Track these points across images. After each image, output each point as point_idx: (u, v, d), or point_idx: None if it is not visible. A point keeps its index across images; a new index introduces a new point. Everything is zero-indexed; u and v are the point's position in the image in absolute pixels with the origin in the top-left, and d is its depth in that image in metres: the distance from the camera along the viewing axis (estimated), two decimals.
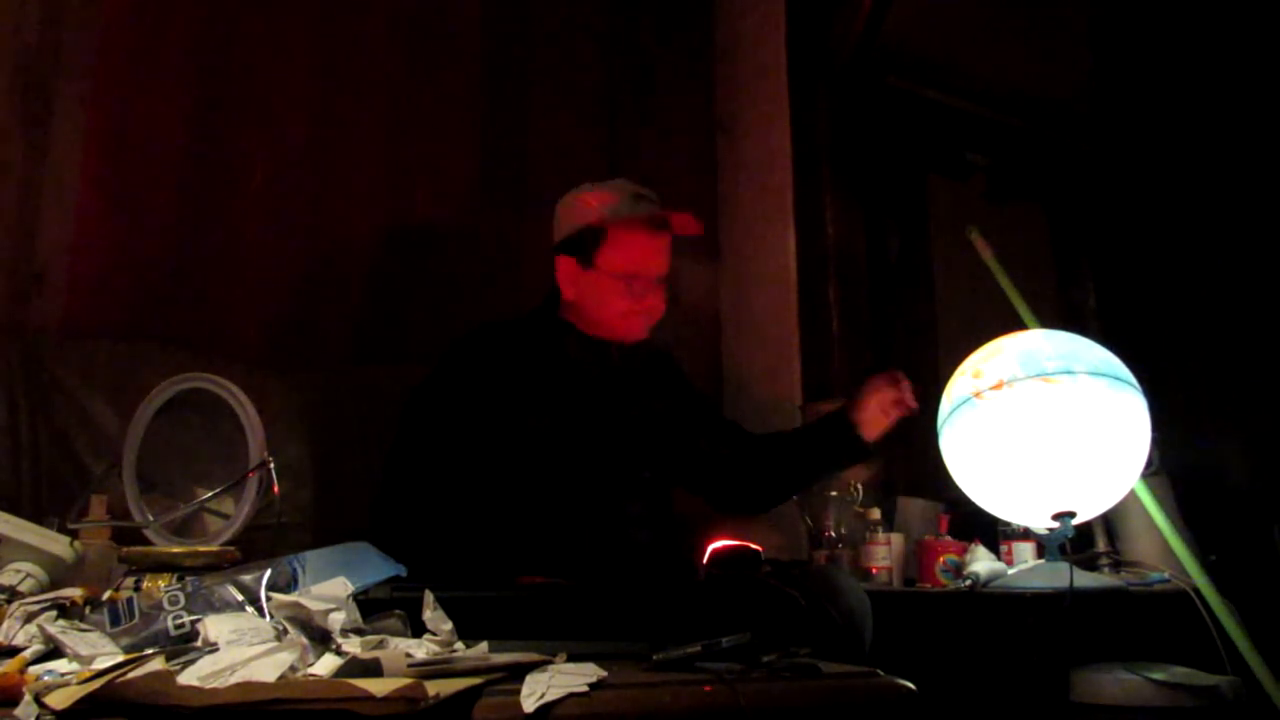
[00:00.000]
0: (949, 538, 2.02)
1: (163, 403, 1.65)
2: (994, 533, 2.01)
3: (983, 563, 1.85)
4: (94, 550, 1.51)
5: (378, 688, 0.84)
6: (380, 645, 1.04)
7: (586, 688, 0.94)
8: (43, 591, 1.33)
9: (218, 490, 1.58)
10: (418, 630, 1.15)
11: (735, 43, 2.87)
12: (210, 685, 0.86)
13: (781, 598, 1.34)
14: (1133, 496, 1.91)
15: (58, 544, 1.43)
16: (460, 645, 1.12)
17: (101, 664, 0.96)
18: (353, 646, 1.02)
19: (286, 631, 1.04)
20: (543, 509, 1.64)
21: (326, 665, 0.96)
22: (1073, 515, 1.76)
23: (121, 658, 0.98)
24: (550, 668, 1.01)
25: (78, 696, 0.83)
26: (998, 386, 1.76)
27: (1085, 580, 1.78)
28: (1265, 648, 1.74)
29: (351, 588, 1.19)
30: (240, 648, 0.96)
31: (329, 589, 1.17)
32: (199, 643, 1.03)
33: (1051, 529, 1.78)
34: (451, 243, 2.40)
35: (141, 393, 1.68)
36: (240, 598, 1.12)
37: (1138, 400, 1.77)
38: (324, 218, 2.26)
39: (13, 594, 1.30)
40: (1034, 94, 2.99)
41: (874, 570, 2.04)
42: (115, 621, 1.08)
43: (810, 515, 2.19)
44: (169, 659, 0.95)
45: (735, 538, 1.68)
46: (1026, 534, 1.97)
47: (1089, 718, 1.61)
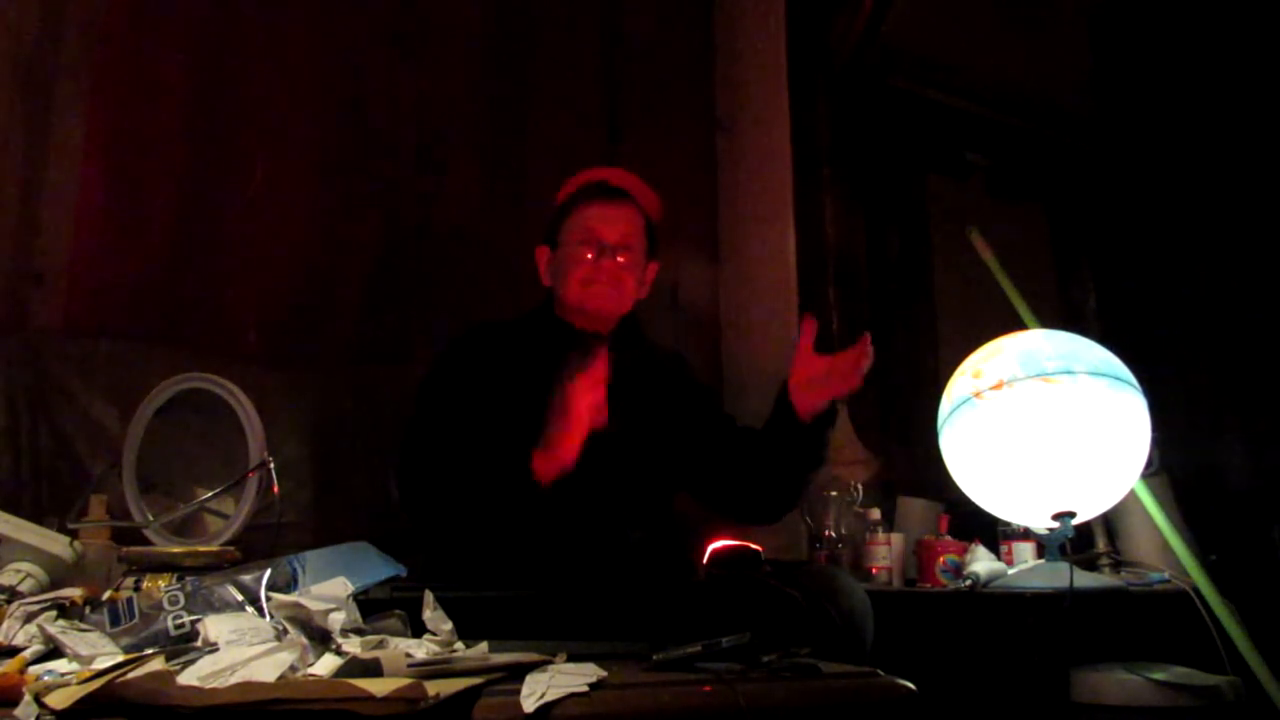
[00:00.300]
0: (949, 538, 2.02)
1: (163, 403, 1.65)
2: (994, 533, 2.01)
3: (983, 563, 1.85)
4: (94, 550, 1.51)
5: (378, 688, 0.84)
6: (380, 645, 1.04)
7: (586, 688, 0.94)
8: (43, 591, 1.33)
9: (218, 490, 1.58)
10: (418, 630, 1.15)
11: (735, 43, 2.86)
12: (210, 685, 0.86)
13: (781, 598, 1.34)
14: (1133, 496, 1.91)
15: (58, 544, 1.44)
16: (460, 645, 1.12)
17: (101, 664, 0.96)
18: (353, 646, 1.02)
19: (286, 631, 1.04)
20: (537, 507, 1.64)
21: (326, 665, 0.96)
22: (1073, 515, 1.76)
23: (121, 658, 0.98)
24: (550, 668, 1.01)
25: (78, 696, 0.83)
26: (998, 386, 1.76)
27: (1085, 580, 1.78)
28: (1265, 648, 1.74)
29: (351, 588, 1.19)
30: (240, 648, 0.96)
31: (329, 589, 1.17)
32: (199, 643, 1.03)
33: (1051, 529, 1.78)
34: (452, 243, 2.40)
35: (141, 393, 1.68)
36: (240, 598, 1.12)
37: (1138, 400, 1.77)
38: (324, 218, 2.26)
39: (13, 594, 1.31)
40: (1034, 94, 2.99)
41: (874, 570, 2.04)
42: (115, 621, 1.09)
43: (810, 515, 2.19)
44: (169, 659, 0.95)
45: (735, 538, 1.68)
46: (1026, 534, 1.97)
47: (1089, 718, 1.61)
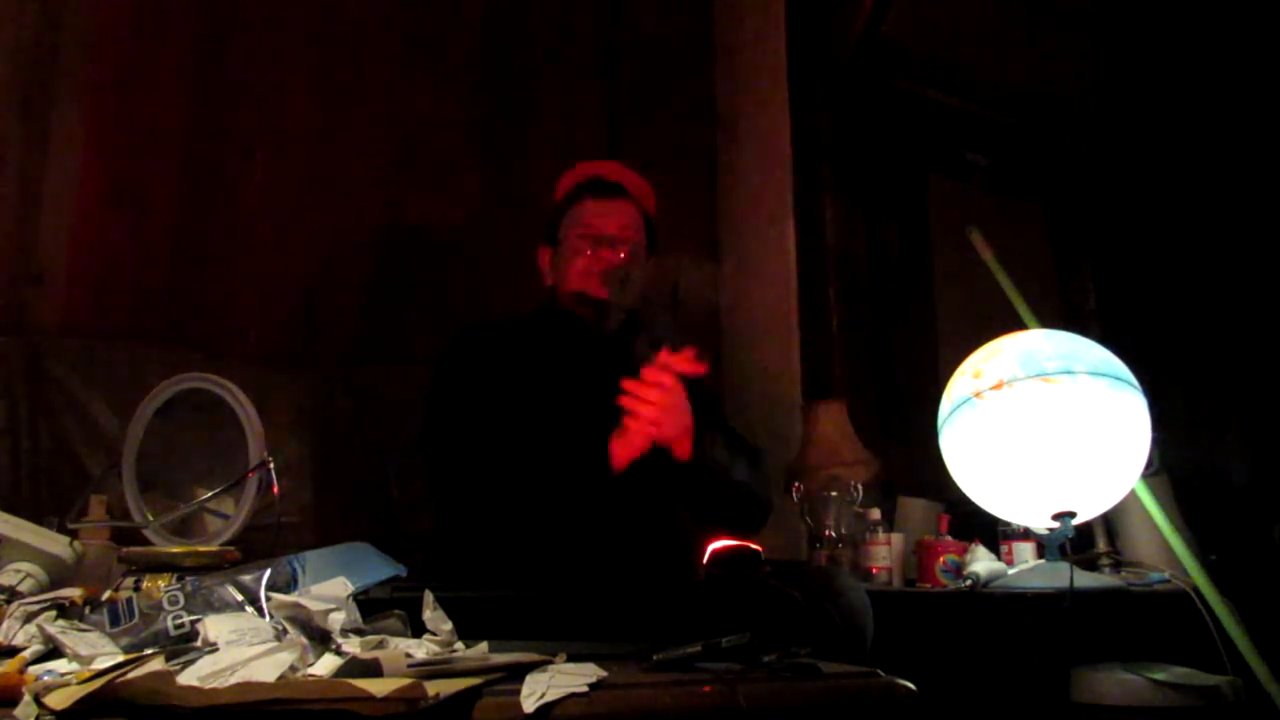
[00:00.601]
0: (949, 538, 2.02)
1: (163, 403, 1.65)
2: (994, 533, 2.01)
3: (983, 563, 1.85)
4: (94, 550, 1.51)
5: (378, 688, 0.84)
6: (380, 645, 1.04)
7: (586, 688, 0.94)
8: (42, 591, 1.33)
9: (218, 490, 1.57)
10: (418, 630, 1.15)
11: (735, 42, 2.86)
12: (210, 685, 0.86)
13: (781, 598, 1.34)
14: (1133, 496, 1.91)
15: (57, 544, 1.43)
16: (460, 645, 1.11)
17: (101, 664, 0.96)
18: (353, 646, 1.02)
19: (286, 631, 1.04)
20: (537, 502, 1.64)
21: (326, 665, 0.96)
22: (1073, 515, 1.76)
23: (121, 658, 0.98)
24: (550, 668, 1.01)
25: (77, 696, 0.83)
26: (998, 386, 1.76)
27: (1085, 580, 1.78)
28: (1265, 648, 1.74)
29: (351, 588, 1.19)
30: (240, 648, 0.96)
31: (329, 589, 1.17)
32: (199, 643, 1.03)
33: (1051, 529, 1.78)
34: (452, 243, 2.40)
35: (141, 393, 1.67)
36: (240, 598, 1.12)
37: (1138, 400, 1.77)
38: (324, 217, 2.26)
39: (13, 594, 1.30)
40: (1034, 94, 2.99)
41: (874, 570, 2.04)
42: (115, 621, 1.08)
43: (810, 515, 2.19)
44: (169, 659, 0.95)
45: (735, 538, 1.68)
46: (1026, 534, 1.97)
47: (1089, 718, 1.61)
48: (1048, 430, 1.71)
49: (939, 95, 2.84)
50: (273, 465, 1.57)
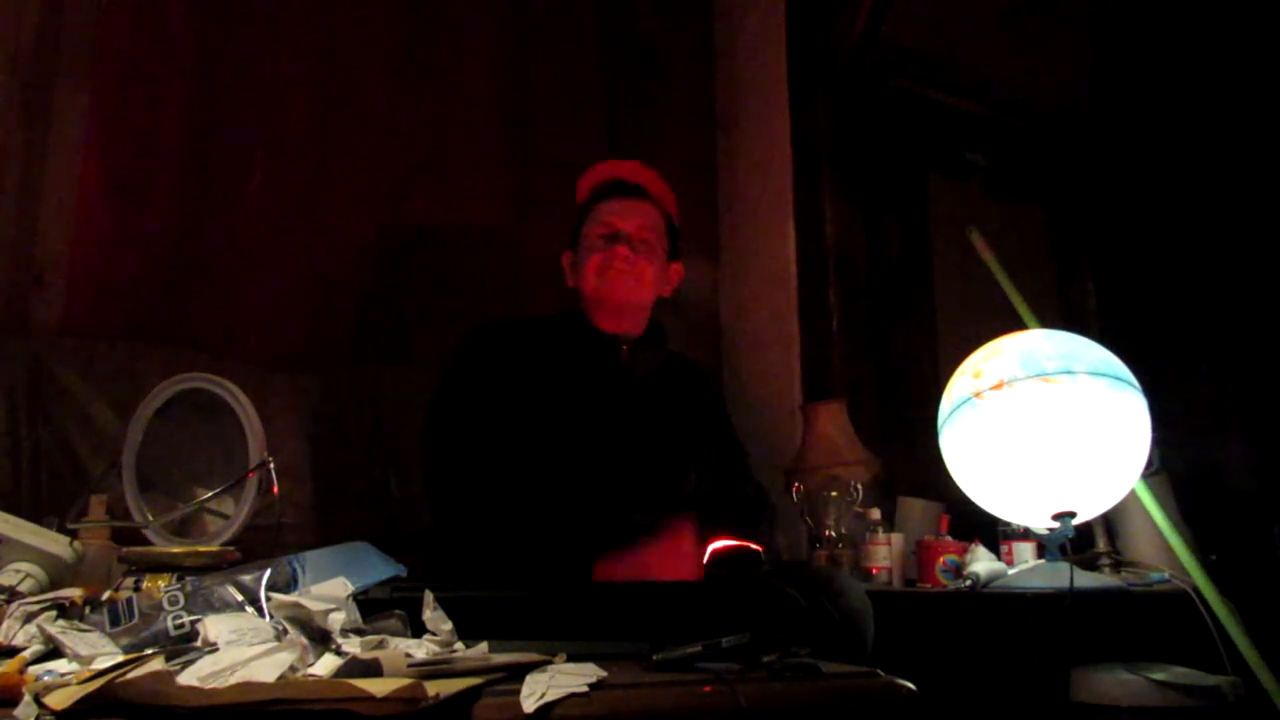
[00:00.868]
0: (949, 538, 2.02)
1: (163, 403, 1.65)
2: (994, 533, 2.01)
3: (983, 563, 1.85)
4: (94, 550, 1.51)
5: (378, 688, 0.84)
6: (380, 645, 1.04)
7: (586, 688, 0.94)
8: (43, 591, 1.33)
9: (218, 490, 1.57)
10: (418, 630, 1.15)
11: (735, 43, 2.86)
12: (210, 685, 0.86)
13: (781, 598, 1.34)
14: (1133, 496, 1.91)
15: (58, 544, 1.43)
16: (460, 645, 1.11)
17: (101, 664, 0.96)
18: (353, 646, 1.02)
19: (286, 631, 1.04)
20: (540, 500, 1.64)
21: (326, 665, 0.96)
22: (1073, 515, 1.76)
23: (121, 658, 0.98)
24: (550, 668, 1.01)
25: (77, 696, 0.83)
26: (998, 386, 1.76)
27: (1085, 580, 1.78)
28: (1265, 648, 1.74)
29: (351, 588, 1.19)
30: (240, 648, 0.96)
31: (329, 589, 1.17)
32: (199, 643, 1.03)
33: (1051, 529, 1.78)
34: (451, 242, 2.40)
35: (141, 393, 1.68)
36: (240, 598, 1.12)
37: (1138, 400, 1.77)
38: (324, 218, 2.26)
39: (13, 594, 1.30)
40: (1034, 94, 2.98)
41: (874, 570, 2.04)
42: (115, 621, 1.08)
43: (810, 515, 2.19)
44: (169, 659, 0.95)
45: (735, 538, 1.68)
46: (1026, 534, 1.97)
47: (1089, 718, 1.61)
48: (1048, 430, 1.71)
49: (939, 95, 2.83)
50: (273, 465, 1.57)
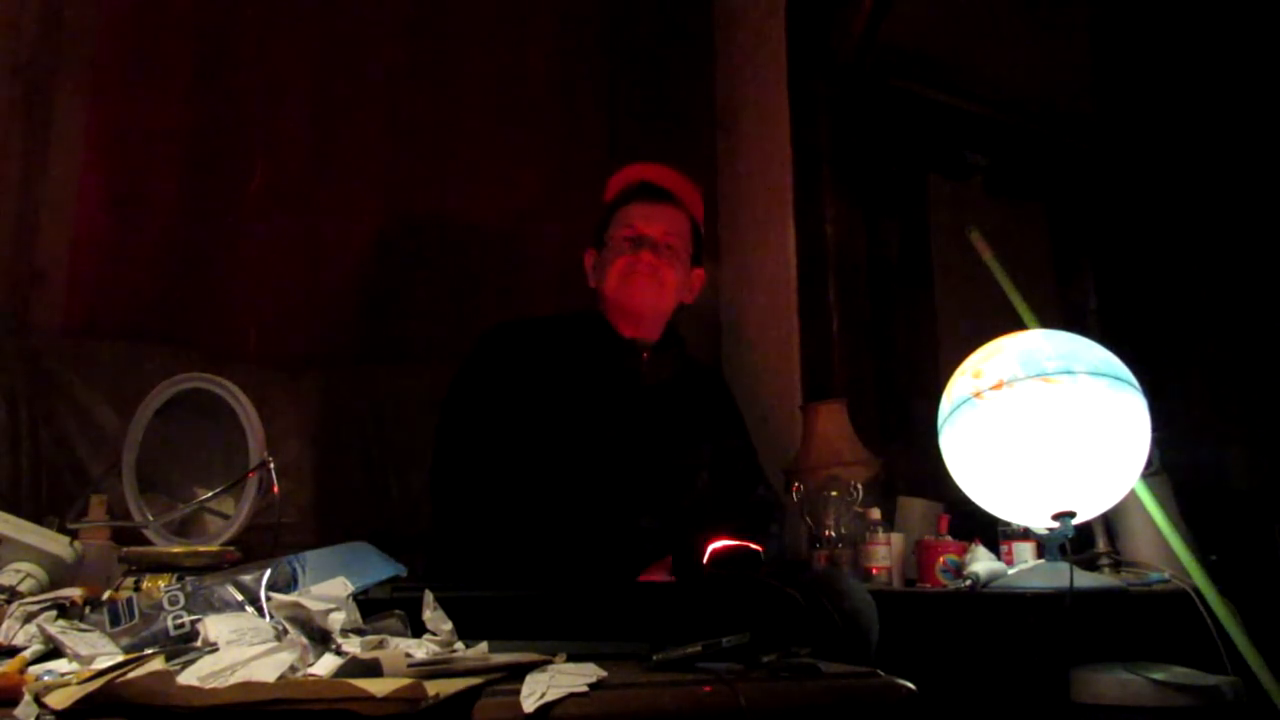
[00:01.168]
0: (949, 538, 2.01)
1: (163, 403, 1.65)
2: (994, 533, 2.00)
3: (983, 563, 1.85)
4: (94, 550, 1.51)
5: (378, 688, 0.84)
6: (380, 645, 1.04)
7: (586, 688, 0.94)
8: (43, 591, 1.33)
9: (218, 490, 1.57)
10: (418, 630, 1.15)
11: (735, 43, 2.86)
12: (210, 685, 0.86)
13: (781, 598, 1.34)
14: (1133, 496, 1.91)
15: (58, 544, 1.43)
16: (460, 645, 1.11)
17: (101, 664, 0.96)
18: (353, 646, 1.02)
19: (286, 631, 1.04)
20: (550, 505, 1.64)
21: (326, 665, 0.96)
22: (1073, 515, 1.75)
23: (121, 658, 0.98)
24: (550, 668, 1.01)
25: (77, 696, 0.83)
26: (998, 386, 1.76)
27: (1085, 580, 1.78)
28: (1265, 648, 1.74)
29: (351, 588, 1.19)
30: (240, 648, 0.96)
31: (329, 589, 1.17)
32: (199, 643, 1.03)
33: (1051, 529, 1.78)
34: (451, 242, 2.40)
35: (141, 393, 1.68)
36: (240, 598, 1.12)
37: (1138, 400, 1.76)
38: (324, 218, 2.26)
39: (13, 594, 1.30)
40: (1034, 94, 2.99)
41: (874, 570, 2.04)
42: (115, 621, 1.08)
43: (810, 515, 2.19)
44: (169, 659, 0.95)
45: (737, 538, 1.68)
46: (1026, 534, 1.97)
47: (1089, 718, 1.61)
48: (1048, 430, 1.70)
49: (939, 95, 2.83)
50: (273, 465, 1.57)
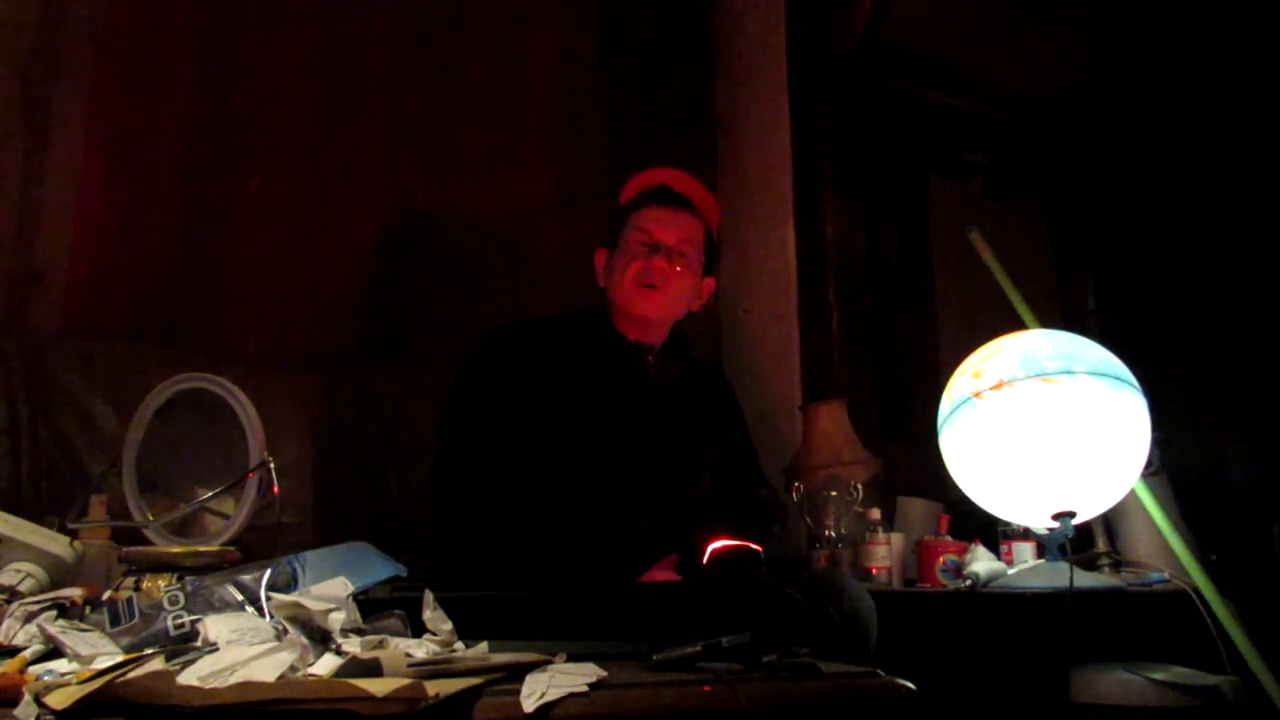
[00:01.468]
0: (949, 538, 2.02)
1: (163, 403, 1.65)
2: (994, 533, 2.01)
3: (983, 563, 1.85)
4: (94, 550, 1.51)
5: (378, 688, 0.84)
6: (380, 645, 1.04)
7: (586, 688, 0.94)
8: (43, 591, 1.33)
9: (218, 490, 1.57)
10: (418, 630, 1.15)
11: (735, 43, 2.86)
12: (210, 685, 0.86)
13: (781, 597, 1.34)
14: (1133, 496, 1.91)
15: (58, 544, 1.43)
16: (460, 645, 1.11)
17: (101, 664, 0.96)
18: (353, 646, 1.02)
19: (286, 631, 1.04)
20: (554, 506, 1.64)
21: (326, 665, 0.96)
22: (1073, 515, 1.75)
23: (121, 658, 0.98)
24: (550, 668, 1.01)
25: (77, 696, 0.83)
26: (998, 386, 1.76)
27: (1085, 580, 1.78)
28: (1265, 648, 1.74)
29: (351, 588, 1.19)
30: (240, 648, 0.96)
31: (329, 589, 1.17)
32: (199, 643, 1.03)
33: (1051, 529, 1.78)
34: (451, 242, 2.40)
35: (141, 393, 1.68)
36: (240, 598, 1.12)
37: (1138, 400, 1.77)
38: (324, 218, 2.26)
39: (13, 594, 1.30)
40: (1034, 94, 2.99)
41: (874, 570, 2.04)
42: (115, 621, 1.09)
43: (810, 515, 2.19)
44: (169, 659, 0.95)
45: (737, 538, 1.68)
46: (1026, 534, 1.97)
47: (1089, 718, 1.61)
48: (1048, 430, 1.71)
49: (939, 95, 2.83)
50: (273, 465, 1.57)
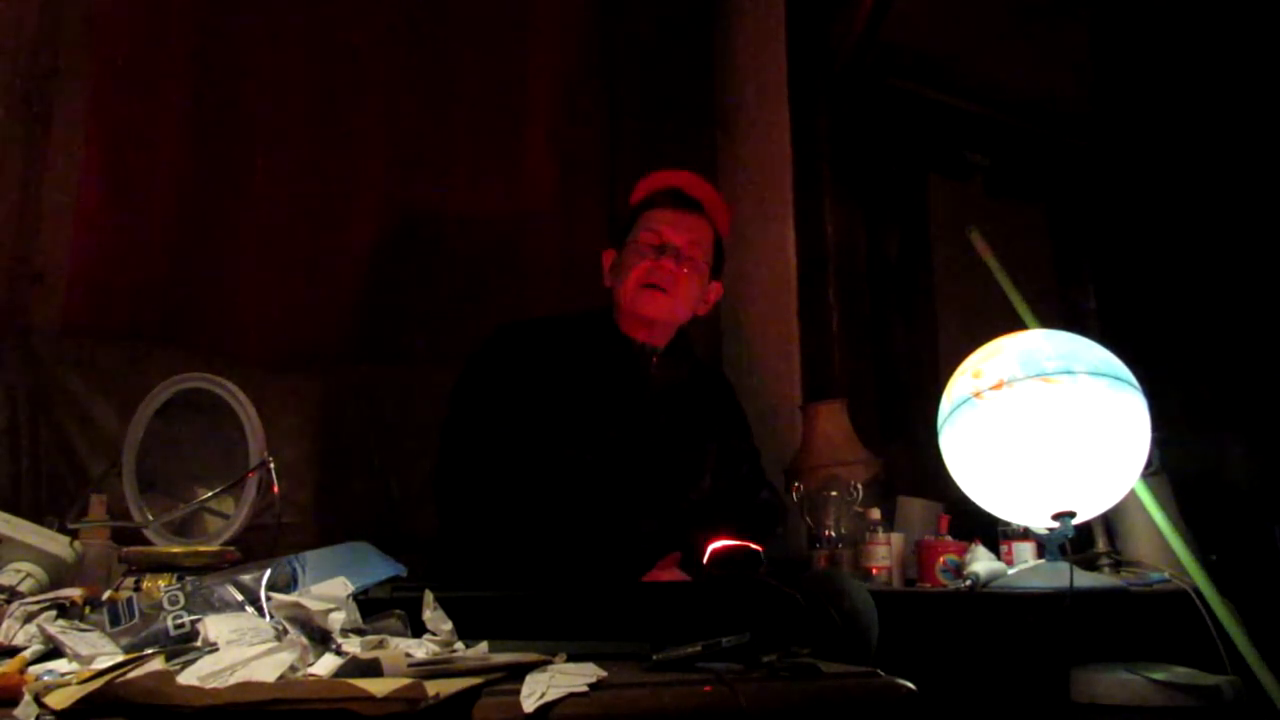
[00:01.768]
0: (949, 538, 2.01)
1: (163, 403, 1.65)
2: (994, 533, 2.01)
3: (983, 563, 1.85)
4: (94, 550, 1.51)
5: (378, 688, 0.84)
6: (380, 645, 1.04)
7: (586, 688, 0.94)
8: (43, 591, 1.33)
9: (218, 490, 1.58)
10: (418, 630, 1.15)
11: (735, 43, 2.86)
12: (210, 685, 0.86)
13: (781, 598, 1.34)
14: (1133, 496, 1.91)
15: (58, 544, 1.44)
16: (460, 645, 1.12)
17: (101, 664, 0.96)
18: (353, 646, 1.02)
19: (286, 631, 1.04)
20: (556, 506, 1.64)
21: (326, 665, 0.96)
22: (1073, 515, 1.75)
23: (121, 658, 0.98)
24: (550, 668, 1.01)
25: (77, 696, 0.83)
26: (998, 386, 1.76)
27: (1085, 580, 1.78)
28: (1265, 648, 1.74)
29: (351, 588, 1.19)
30: (240, 648, 0.96)
31: (329, 589, 1.17)
32: (199, 643, 1.03)
33: (1051, 529, 1.78)
34: (451, 242, 2.40)
35: (141, 393, 1.68)
36: (240, 598, 1.12)
37: (1138, 400, 1.77)
38: (324, 218, 2.26)
39: (13, 594, 1.31)
40: (1034, 94, 2.98)
41: (874, 570, 2.04)
42: (115, 621, 1.09)
43: (810, 515, 2.19)
44: (169, 659, 0.95)
45: (737, 538, 1.68)
46: (1026, 534, 1.97)
47: (1089, 718, 1.61)
48: (1048, 430, 1.71)
49: (939, 95, 2.83)
50: (273, 465, 1.57)
